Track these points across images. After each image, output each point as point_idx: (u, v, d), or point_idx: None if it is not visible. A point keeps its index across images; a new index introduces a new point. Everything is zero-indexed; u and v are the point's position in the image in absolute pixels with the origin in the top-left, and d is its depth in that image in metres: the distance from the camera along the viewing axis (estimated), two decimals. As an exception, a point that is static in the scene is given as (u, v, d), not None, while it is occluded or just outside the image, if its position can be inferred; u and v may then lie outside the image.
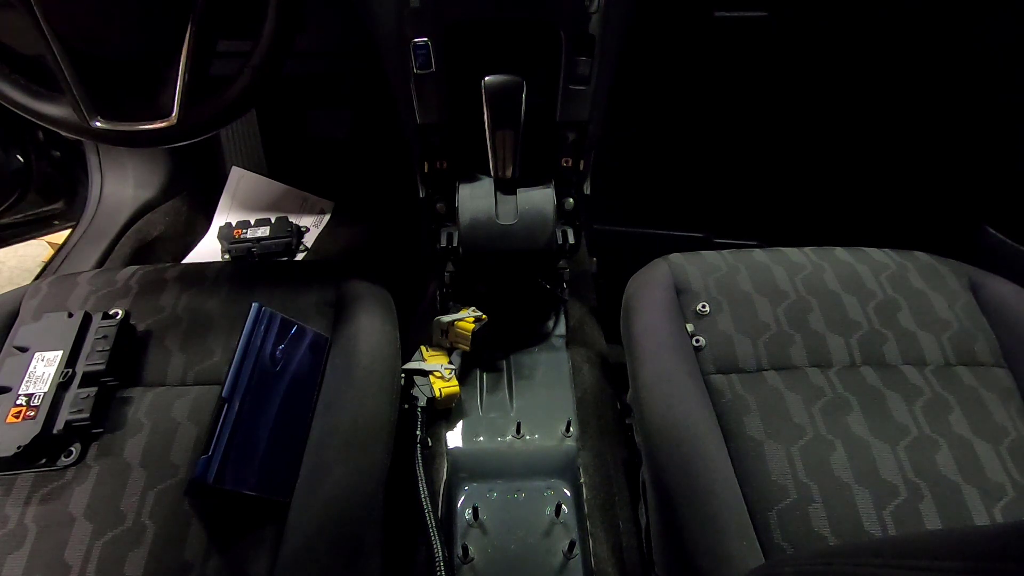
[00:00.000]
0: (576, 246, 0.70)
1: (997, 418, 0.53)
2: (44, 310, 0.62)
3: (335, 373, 0.59)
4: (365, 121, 1.18)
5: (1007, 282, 0.65)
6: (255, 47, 0.60)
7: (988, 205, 0.83)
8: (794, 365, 0.58)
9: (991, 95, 0.81)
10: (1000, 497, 0.49)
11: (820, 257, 0.67)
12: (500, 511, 0.56)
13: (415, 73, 0.59)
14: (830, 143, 0.96)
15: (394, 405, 0.61)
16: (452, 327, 0.70)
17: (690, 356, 0.60)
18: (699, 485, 0.51)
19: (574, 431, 0.68)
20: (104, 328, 0.58)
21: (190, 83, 0.58)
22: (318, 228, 1.14)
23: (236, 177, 1.19)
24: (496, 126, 0.59)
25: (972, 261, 0.68)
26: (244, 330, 0.56)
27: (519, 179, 0.64)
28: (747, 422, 0.54)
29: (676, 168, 1.05)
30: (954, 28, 0.80)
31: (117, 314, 0.60)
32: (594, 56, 0.59)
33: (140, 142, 0.62)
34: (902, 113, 0.90)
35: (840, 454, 0.51)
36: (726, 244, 1.00)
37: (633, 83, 0.86)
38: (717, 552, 0.48)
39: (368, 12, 0.60)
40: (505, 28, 0.59)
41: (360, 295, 0.66)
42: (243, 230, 1.08)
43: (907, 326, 0.60)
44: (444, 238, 0.70)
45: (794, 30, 0.82)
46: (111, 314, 0.60)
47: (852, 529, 0.47)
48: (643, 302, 0.66)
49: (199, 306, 0.63)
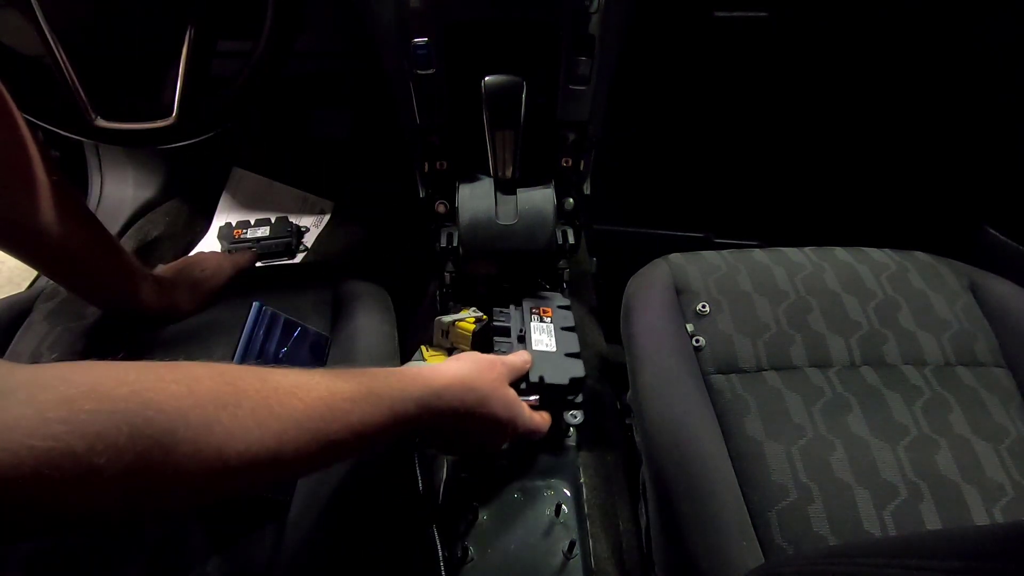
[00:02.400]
0: (576, 246, 0.70)
1: (997, 418, 0.53)
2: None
3: (335, 373, 0.59)
4: (365, 121, 1.18)
5: (1007, 282, 0.65)
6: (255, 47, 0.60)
7: (988, 205, 0.83)
8: (794, 365, 0.58)
9: (991, 95, 0.81)
10: (1000, 497, 0.49)
11: (820, 257, 0.67)
12: (500, 511, 0.56)
13: (415, 73, 0.59)
14: (830, 143, 0.96)
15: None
16: (453, 327, 0.70)
17: (690, 356, 0.60)
18: (699, 485, 0.51)
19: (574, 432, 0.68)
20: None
21: (190, 83, 0.58)
22: (318, 228, 1.14)
23: (236, 177, 1.19)
24: (496, 126, 0.59)
25: (972, 261, 0.68)
26: (244, 329, 0.56)
27: (519, 179, 0.64)
28: (747, 422, 0.54)
29: (676, 168, 1.05)
30: (954, 28, 0.80)
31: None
32: (594, 56, 0.59)
33: (140, 142, 0.62)
34: (902, 113, 0.90)
35: (840, 454, 0.51)
36: (726, 244, 1.00)
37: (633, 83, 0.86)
38: (717, 552, 0.48)
39: (368, 12, 0.60)
40: (505, 28, 0.59)
41: (358, 294, 0.66)
42: (243, 230, 1.08)
43: (907, 326, 0.60)
44: (444, 238, 0.69)
45: (794, 30, 0.82)
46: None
47: (852, 529, 0.47)
48: (643, 302, 0.66)
49: (199, 306, 0.63)
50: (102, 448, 0.26)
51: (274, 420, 0.32)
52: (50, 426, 0.25)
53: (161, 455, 0.27)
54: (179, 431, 0.28)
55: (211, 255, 0.69)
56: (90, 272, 0.56)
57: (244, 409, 0.31)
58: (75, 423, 0.25)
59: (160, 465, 0.27)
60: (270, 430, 0.32)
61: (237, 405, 0.31)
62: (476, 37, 0.58)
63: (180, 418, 0.28)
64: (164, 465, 0.28)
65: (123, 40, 0.59)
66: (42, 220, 0.49)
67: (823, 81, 0.89)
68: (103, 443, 0.26)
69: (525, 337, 0.63)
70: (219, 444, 0.30)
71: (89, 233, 0.55)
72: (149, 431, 0.27)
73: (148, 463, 0.27)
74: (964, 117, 0.85)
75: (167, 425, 0.28)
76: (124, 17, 0.58)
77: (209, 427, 0.29)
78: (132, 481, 0.27)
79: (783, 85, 0.91)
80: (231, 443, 0.30)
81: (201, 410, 0.29)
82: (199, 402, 0.30)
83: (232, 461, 0.30)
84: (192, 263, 0.66)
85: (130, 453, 0.26)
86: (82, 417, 0.26)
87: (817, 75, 0.89)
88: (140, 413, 0.27)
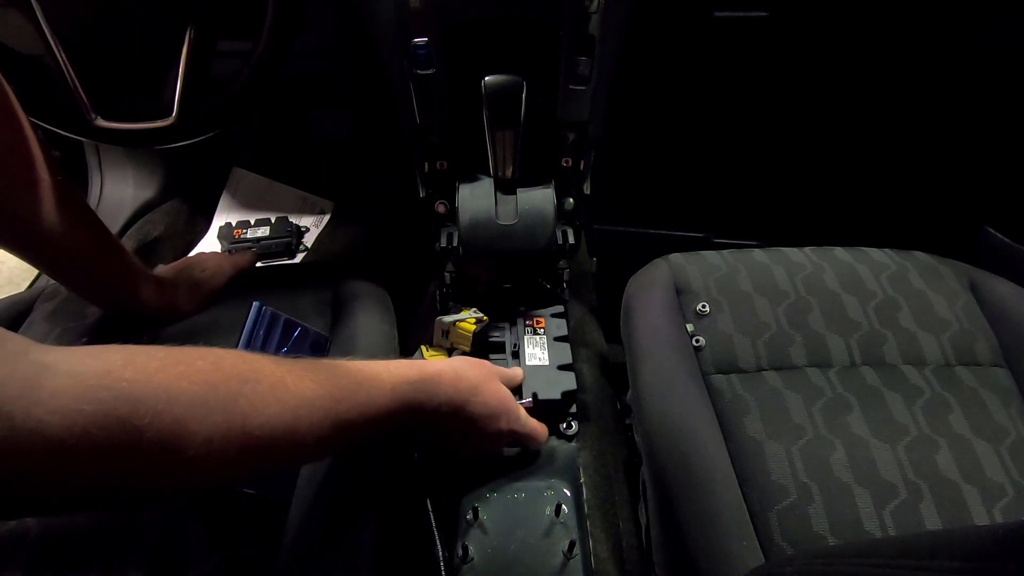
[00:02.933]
0: (576, 246, 0.70)
1: (997, 418, 0.53)
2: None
3: (335, 373, 0.59)
4: (365, 121, 1.18)
5: (1007, 282, 0.65)
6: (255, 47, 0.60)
7: (988, 205, 0.83)
8: (794, 365, 0.58)
9: (991, 95, 0.81)
10: (1000, 497, 0.49)
11: (820, 257, 0.67)
12: (500, 511, 0.56)
13: (415, 73, 0.59)
14: (830, 143, 0.96)
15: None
16: (453, 327, 0.70)
17: (690, 356, 0.60)
18: (699, 485, 0.51)
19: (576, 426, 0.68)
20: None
21: (190, 83, 0.58)
22: (318, 228, 1.14)
23: (236, 177, 1.19)
24: (496, 126, 0.59)
25: (972, 261, 0.68)
26: (244, 329, 0.56)
27: (519, 179, 0.64)
28: (747, 422, 0.54)
29: (676, 168, 1.05)
30: (954, 28, 0.80)
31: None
32: (594, 56, 0.58)
33: (140, 141, 0.62)
34: (902, 113, 0.90)
35: (840, 454, 0.51)
36: (726, 244, 1.00)
37: (633, 83, 0.86)
38: (717, 552, 0.48)
39: (368, 12, 0.60)
40: (505, 28, 0.59)
41: (357, 294, 0.66)
42: (243, 230, 1.08)
43: (907, 326, 0.60)
44: (444, 238, 0.69)
45: (794, 30, 0.82)
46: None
47: (852, 529, 0.47)
48: (643, 302, 0.66)
49: (199, 306, 0.63)
50: (143, 411, 0.28)
51: (290, 396, 0.34)
52: (95, 391, 0.27)
53: (195, 423, 0.29)
54: (210, 400, 0.30)
55: (211, 256, 0.69)
56: (91, 271, 0.56)
57: (264, 385, 0.33)
58: (117, 390, 0.27)
59: (194, 432, 0.29)
60: (287, 405, 0.34)
61: (257, 381, 0.33)
62: (476, 37, 0.58)
63: (210, 389, 0.31)
64: (197, 433, 0.29)
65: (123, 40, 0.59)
66: (44, 219, 0.50)
67: (823, 81, 0.89)
68: (144, 407, 0.28)
69: (519, 352, 0.65)
70: (244, 414, 0.32)
71: (91, 232, 0.55)
72: (184, 398, 0.29)
73: (184, 429, 0.29)
74: (964, 117, 0.85)
75: (200, 394, 0.30)
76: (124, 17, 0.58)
77: (235, 399, 0.32)
78: (170, 445, 0.28)
79: (783, 85, 0.91)
80: (254, 415, 0.32)
81: (227, 384, 0.32)
82: (225, 376, 0.32)
83: (255, 432, 0.32)
84: (192, 263, 0.66)
85: (168, 416, 0.28)
86: (123, 385, 0.28)
87: (817, 75, 0.89)
88: (174, 383, 0.29)
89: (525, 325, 0.69)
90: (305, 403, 0.35)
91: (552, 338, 0.68)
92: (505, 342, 0.68)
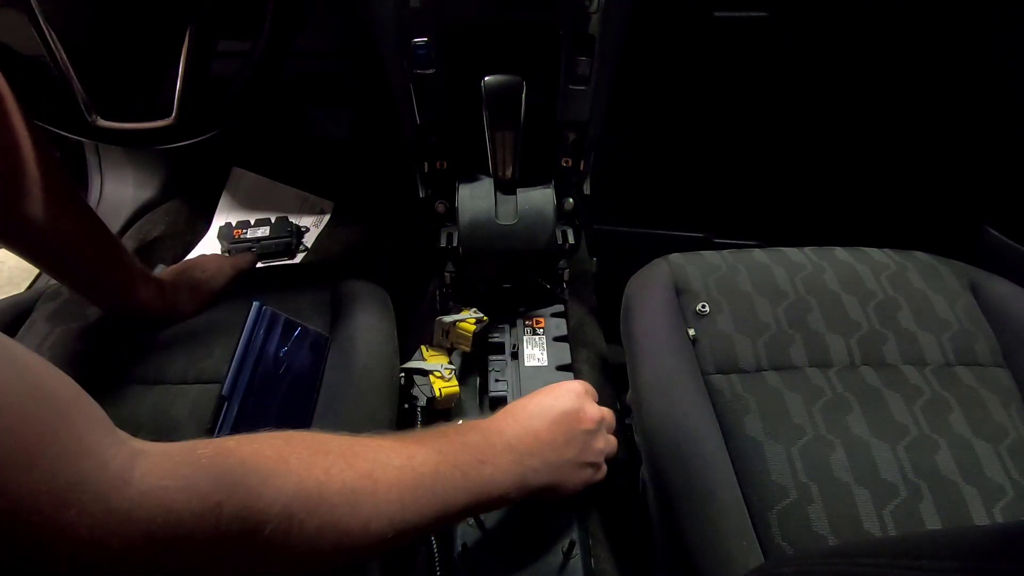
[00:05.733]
0: (576, 246, 0.70)
1: (997, 418, 0.53)
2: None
3: (334, 372, 0.59)
4: (365, 121, 1.18)
5: (1007, 282, 0.65)
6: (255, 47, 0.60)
7: (988, 205, 0.82)
8: (794, 365, 0.58)
9: (991, 95, 0.81)
10: (1000, 497, 0.49)
11: (820, 257, 0.67)
12: (499, 512, 0.56)
13: (415, 73, 0.59)
14: (830, 143, 0.96)
15: (393, 403, 0.61)
16: (453, 327, 0.70)
17: (690, 356, 0.60)
18: (699, 485, 0.51)
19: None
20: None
21: (190, 83, 0.58)
22: (318, 228, 1.14)
23: (236, 177, 1.19)
24: (496, 126, 0.59)
25: (972, 261, 0.68)
26: (244, 328, 0.56)
27: (519, 179, 0.64)
28: (747, 422, 0.54)
29: (676, 168, 1.05)
30: (955, 28, 0.80)
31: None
32: (594, 56, 0.58)
33: (140, 141, 0.62)
34: (902, 113, 0.90)
35: (840, 454, 0.51)
36: (726, 244, 1.00)
37: (633, 83, 0.86)
38: (717, 552, 0.48)
39: (368, 12, 0.60)
40: (505, 28, 0.59)
41: (357, 294, 0.66)
42: (243, 230, 1.08)
43: (907, 326, 0.60)
44: (444, 238, 0.69)
45: (794, 30, 0.82)
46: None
47: (852, 529, 0.47)
48: (643, 302, 0.66)
49: (199, 306, 0.63)
50: (223, 484, 0.29)
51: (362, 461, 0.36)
52: (179, 467, 0.28)
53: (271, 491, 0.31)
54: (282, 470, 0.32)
55: (212, 257, 0.69)
56: (92, 272, 0.56)
57: (333, 455, 0.34)
58: (198, 465, 0.29)
59: (269, 503, 0.30)
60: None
61: (327, 452, 0.34)
62: (476, 37, 0.58)
63: (282, 462, 0.32)
64: (273, 502, 0.30)
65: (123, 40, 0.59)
66: (46, 219, 0.50)
67: (823, 81, 0.89)
68: (223, 480, 0.29)
69: (518, 353, 0.65)
70: (318, 480, 0.32)
71: (92, 233, 0.55)
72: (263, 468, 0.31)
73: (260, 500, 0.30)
74: (964, 117, 0.85)
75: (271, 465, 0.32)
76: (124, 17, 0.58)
77: (308, 468, 0.33)
78: (248, 521, 0.29)
79: (783, 85, 0.91)
80: (328, 481, 0.33)
81: (298, 455, 0.33)
82: (295, 449, 0.33)
83: (332, 499, 0.33)
84: (193, 265, 0.67)
85: (243, 488, 0.29)
86: (203, 461, 0.29)
87: (817, 75, 0.89)
88: (250, 457, 0.31)
89: (524, 325, 0.69)
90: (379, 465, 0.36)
91: (551, 338, 0.68)
92: (504, 342, 0.68)
